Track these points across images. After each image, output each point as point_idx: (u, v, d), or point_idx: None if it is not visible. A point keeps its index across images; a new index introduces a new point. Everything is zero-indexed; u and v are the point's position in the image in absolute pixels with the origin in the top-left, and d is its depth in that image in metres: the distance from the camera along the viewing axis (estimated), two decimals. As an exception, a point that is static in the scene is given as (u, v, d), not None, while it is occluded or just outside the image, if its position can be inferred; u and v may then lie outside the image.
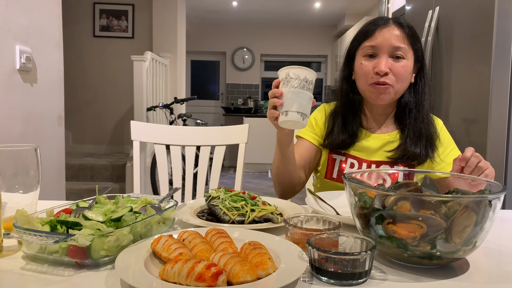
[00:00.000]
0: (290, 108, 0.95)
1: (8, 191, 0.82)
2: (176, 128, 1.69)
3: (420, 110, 1.21)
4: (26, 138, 1.92)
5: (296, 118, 0.95)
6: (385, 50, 1.14)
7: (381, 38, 1.15)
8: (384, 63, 1.14)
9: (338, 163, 1.26)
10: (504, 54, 1.74)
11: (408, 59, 1.16)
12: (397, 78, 1.15)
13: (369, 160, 1.24)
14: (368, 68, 1.16)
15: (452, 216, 0.64)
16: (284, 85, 0.97)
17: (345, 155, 1.26)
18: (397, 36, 1.15)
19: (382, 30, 1.16)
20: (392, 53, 1.15)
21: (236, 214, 0.92)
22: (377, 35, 1.16)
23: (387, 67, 1.14)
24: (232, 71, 7.59)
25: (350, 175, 0.82)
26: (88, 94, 5.17)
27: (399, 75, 1.15)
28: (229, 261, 0.61)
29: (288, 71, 0.97)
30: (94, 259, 0.67)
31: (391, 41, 1.14)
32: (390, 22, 1.17)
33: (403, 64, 1.15)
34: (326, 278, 0.63)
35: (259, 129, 6.09)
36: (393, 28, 1.16)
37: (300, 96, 0.95)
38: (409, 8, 2.65)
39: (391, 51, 1.15)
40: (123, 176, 4.32)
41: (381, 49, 1.15)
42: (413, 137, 1.19)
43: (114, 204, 0.86)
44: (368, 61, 1.17)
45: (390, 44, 1.14)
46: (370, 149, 1.24)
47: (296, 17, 6.83)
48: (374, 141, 1.24)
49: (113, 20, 5.15)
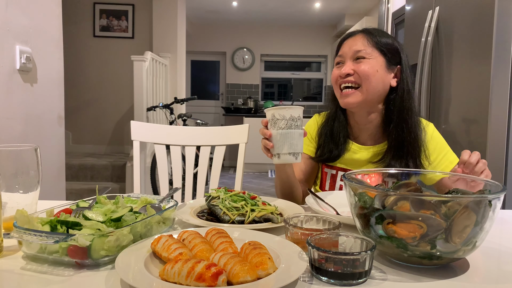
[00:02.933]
0: (281, 150, 1.00)
1: (8, 191, 0.82)
2: (176, 128, 1.69)
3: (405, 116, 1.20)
4: (26, 138, 1.92)
5: (288, 159, 1.00)
6: (348, 56, 1.22)
7: (346, 47, 1.23)
8: (346, 66, 1.20)
9: (329, 177, 1.30)
10: (504, 54, 1.74)
11: (372, 59, 1.19)
12: (362, 77, 1.18)
13: None
14: (335, 74, 1.24)
15: (452, 216, 0.64)
16: (272, 126, 1.02)
17: (336, 169, 1.29)
18: (358, 42, 1.21)
19: (347, 40, 1.24)
20: (354, 56, 1.20)
21: (236, 214, 0.92)
22: (344, 46, 1.24)
23: (350, 68, 1.20)
24: (232, 71, 7.59)
25: (350, 175, 0.82)
26: (88, 94, 5.17)
27: (363, 72, 1.18)
28: (229, 261, 0.61)
29: (273, 113, 1.01)
30: (94, 259, 0.67)
31: (353, 47, 1.21)
32: (357, 32, 1.24)
33: (364, 62, 1.19)
34: (326, 278, 0.63)
35: (259, 129, 6.09)
36: (358, 36, 1.23)
37: (289, 137, 0.99)
38: (409, 8, 2.65)
39: (353, 55, 1.21)
40: (123, 176, 4.32)
41: (345, 56, 1.22)
42: (396, 149, 1.19)
43: (114, 204, 0.86)
44: (336, 69, 1.25)
45: (352, 50, 1.21)
46: (359, 162, 1.26)
47: (296, 17, 6.83)
48: (363, 153, 1.26)
49: (113, 20, 5.15)
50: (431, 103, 2.31)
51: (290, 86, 7.93)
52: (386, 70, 1.21)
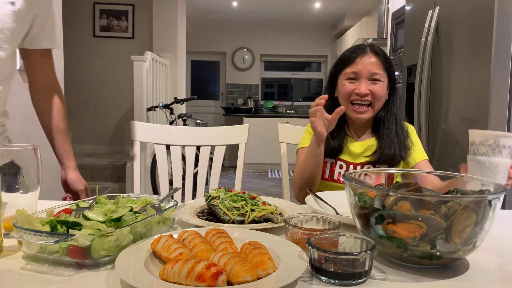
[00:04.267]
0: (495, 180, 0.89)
1: (8, 191, 0.82)
2: (176, 128, 1.69)
3: (392, 120, 1.41)
4: (26, 138, 1.92)
5: None
6: (364, 75, 1.35)
7: (361, 66, 1.36)
8: (364, 86, 1.35)
9: (329, 165, 1.44)
10: (504, 54, 1.74)
11: (383, 82, 1.37)
12: (375, 97, 1.36)
13: (354, 163, 1.42)
14: (349, 88, 1.37)
15: (452, 216, 0.64)
16: (491, 152, 0.91)
17: (335, 159, 1.44)
18: (374, 64, 1.36)
19: (362, 58, 1.37)
20: (370, 77, 1.36)
21: (236, 214, 0.92)
22: (358, 62, 1.36)
23: (367, 89, 1.35)
24: (232, 71, 7.59)
25: (350, 175, 0.82)
26: (88, 94, 5.17)
27: (377, 94, 1.36)
28: (229, 261, 0.61)
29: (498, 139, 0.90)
30: (94, 259, 0.67)
31: (369, 67, 1.35)
32: (368, 50, 1.38)
33: (379, 85, 1.36)
34: (326, 278, 0.63)
35: (259, 129, 6.09)
36: (370, 56, 1.37)
37: None
38: (409, 8, 2.65)
39: (369, 76, 1.35)
40: (123, 176, 4.32)
41: (361, 75, 1.36)
42: (387, 142, 1.38)
43: (114, 204, 0.86)
44: (349, 83, 1.38)
45: (369, 71, 1.35)
46: (355, 154, 1.43)
47: (296, 17, 6.83)
48: (357, 146, 1.44)
49: (113, 20, 5.15)
50: (431, 103, 2.31)
51: (290, 86, 7.93)
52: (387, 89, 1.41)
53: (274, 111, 7.12)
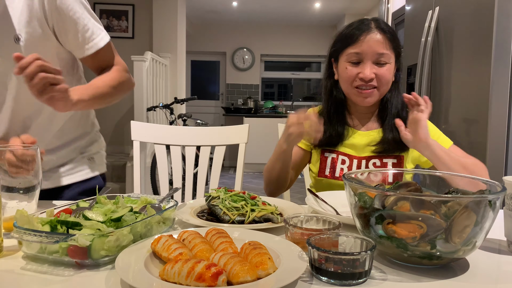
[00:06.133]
0: None
1: (8, 191, 0.82)
2: (176, 128, 1.69)
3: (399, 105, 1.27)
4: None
5: None
6: (369, 57, 1.19)
7: (365, 46, 1.19)
8: (369, 70, 1.19)
9: (330, 161, 1.30)
10: (504, 54, 1.74)
11: (391, 63, 1.22)
12: (382, 82, 1.21)
13: (358, 156, 1.28)
14: (352, 73, 1.21)
15: (452, 216, 0.64)
16: None
17: (336, 153, 1.30)
18: (380, 43, 1.19)
19: (366, 36, 1.19)
20: (375, 59, 1.20)
21: (236, 214, 0.92)
22: (361, 41, 1.19)
23: (372, 73, 1.19)
24: (232, 71, 7.59)
25: (350, 175, 0.82)
26: (88, 94, 5.16)
27: (384, 78, 1.21)
28: (229, 261, 0.61)
29: None
30: (94, 259, 0.67)
31: (375, 48, 1.18)
32: (373, 26, 1.21)
33: (387, 68, 1.21)
34: (326, 278, 0.63)
35: (259, 129, 6.09)
36: (376, 33, 1.19)
37: None
38: (409, 8, 2.65)
39: (375, 57, 1.19)
40: (123, 176, 4.32)
41: (365, 56, 1.19)
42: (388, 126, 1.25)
43: (114, 204, 0.86)
44: (352, 66, 1.22)
45: (374, 51, 1.19)
46: (359, 146, 1.28)
47: (296, 17, 6.83)
48: (361, 138, 1.29)
49: (113, 20, 5.15)
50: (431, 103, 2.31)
51: (290, 86, 7.93)
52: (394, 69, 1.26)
53: (274, 111, 7.12)
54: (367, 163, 1.27)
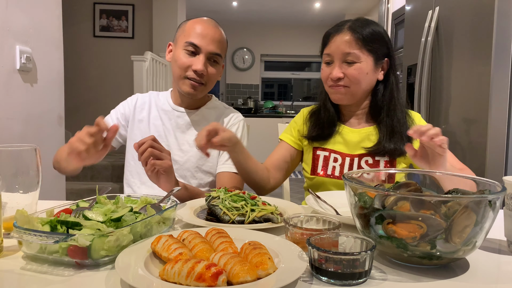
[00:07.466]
0: None
1: (8, 191, 0.82)
2: (176, 128, 1.68)
3: (392, 105, 1.26)
4: (26, 138, 1.92)
5: None
6: (337, 57, 1.22)
7: (333, 47, 1.23)
8: (336, 71, 1.22)
9: (322, 159, 1.31)
10: (504, 54, 1.74)
11: (362, 62, 1.21)
12: (351, 81, 1.22)
13: (351, 154, 1.28)
14: (326, 73, 1.26)
15: (452, 216, 0.64)
16: None
17: (328, 151, 1.31)
18: (346, 42, 1.21)
19: (334, 37, 1.23)
20: (343, 58, 1.22)
21: (236, 214, 0.92)
22: (331, 43, 1.24)
23: (340, 73, 1.22)
24: (232, 71, 7.59)
25: (350, 175, 0.82)
26: (88, 94, 5.16)
27: (352, 77, 1.22)
28: (229, 261, 0.61)
29: None
30: (94, 259, 0.67)
31: (342, 47, 1.21)
32: (344, 28, 1.23)
33: (355, 67, 1.21)
34: (326, 278, 0.63)
35: (259, 129, 6.09)
36: (345, 34, 1.22)
37: None
38: (409, 8, 2.65)
39: (342, 57, 1.22)
40: (123, 176, 4.31)
41: (334, 56, 1.23)
42: (388, 134, 1.24)
43: (114, 204, 0.86)
44: (326, 67, 1.26)
45: (341, 51, 1.21)
46: (351, 143, 1.29)
47: (296, 17, 6.83)
48: (354, 135, 1.30)
49: (113, 20, 5.15)
50: (431, 103, 2.31)
51: (290, 86, 7.93)
52: (374, 68, 1.25)
53: (274, 111, 7.12)
54: (359, 161, 1.27)
